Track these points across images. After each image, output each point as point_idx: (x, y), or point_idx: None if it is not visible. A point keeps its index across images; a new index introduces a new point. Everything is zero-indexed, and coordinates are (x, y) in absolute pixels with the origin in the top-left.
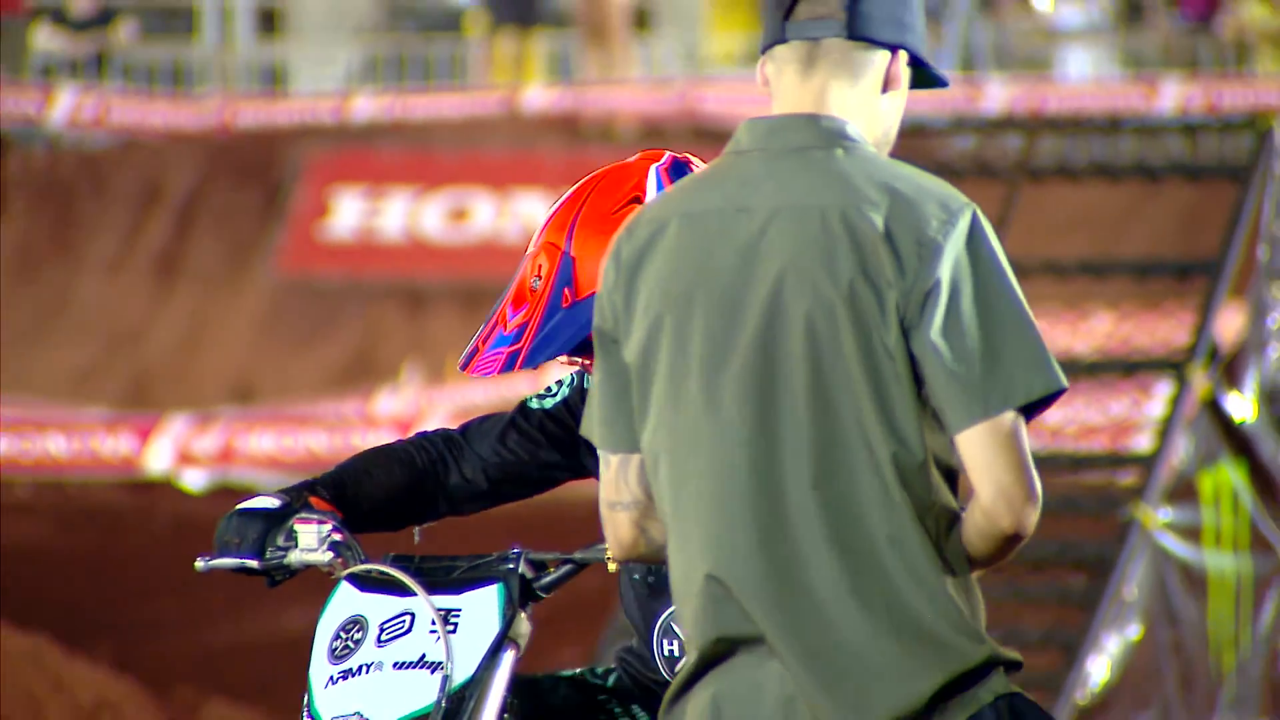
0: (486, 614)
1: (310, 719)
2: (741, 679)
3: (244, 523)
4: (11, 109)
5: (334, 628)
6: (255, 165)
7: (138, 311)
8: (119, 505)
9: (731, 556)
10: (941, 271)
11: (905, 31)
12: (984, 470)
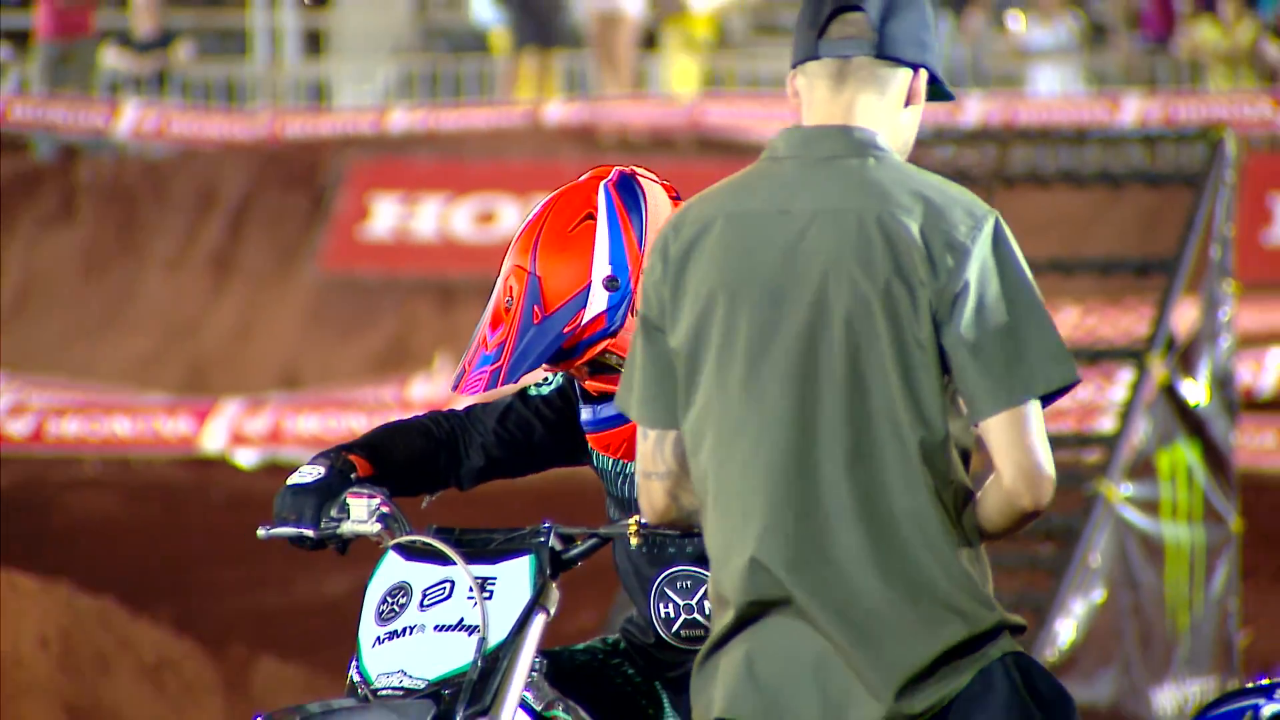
0: (519, 582)
1: (359, 676)
2: (773, 638)
3: (299, 497)
4: (81, 122)
5: (381, 593)
6: (301, 173)
7: (195, 305)
8: (178, 481)
9: (768, 528)
10: (970, 273)
11: (926, 52)
12: (1007, 453)
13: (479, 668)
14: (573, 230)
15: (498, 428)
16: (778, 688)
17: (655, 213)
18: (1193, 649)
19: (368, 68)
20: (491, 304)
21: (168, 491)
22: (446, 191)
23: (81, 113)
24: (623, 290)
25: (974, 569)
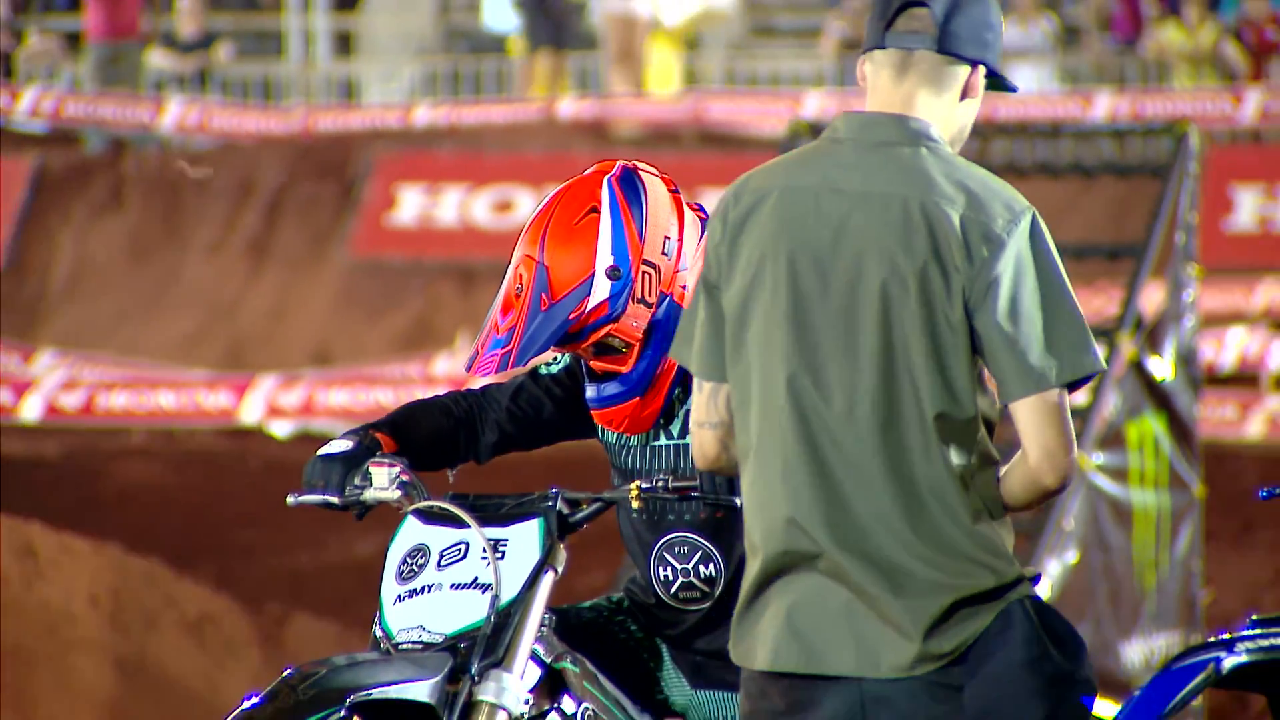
0: (529, 544)
1: (381, 631)
2: (806, 591)
3: (326, 466)
4: (129, 117)
5: (401, 554)
6: (332, 165)
7: (234, 288)
8: (218, 450)
9: (801, 487)
10: (1005, 264)
11: (985, 50)
12: (1034, 435)
13: (492, 623)
14: (578, 223)
15: (511, 405)
16: (814, 637)
17: (655, 205)
18: (1159, 606)
19: (394, 67)
20: (503, 291)
21: (209, 460)
22: (467, 182)
23: (129, 109)
24: (624, 279)
25: (994, 531)
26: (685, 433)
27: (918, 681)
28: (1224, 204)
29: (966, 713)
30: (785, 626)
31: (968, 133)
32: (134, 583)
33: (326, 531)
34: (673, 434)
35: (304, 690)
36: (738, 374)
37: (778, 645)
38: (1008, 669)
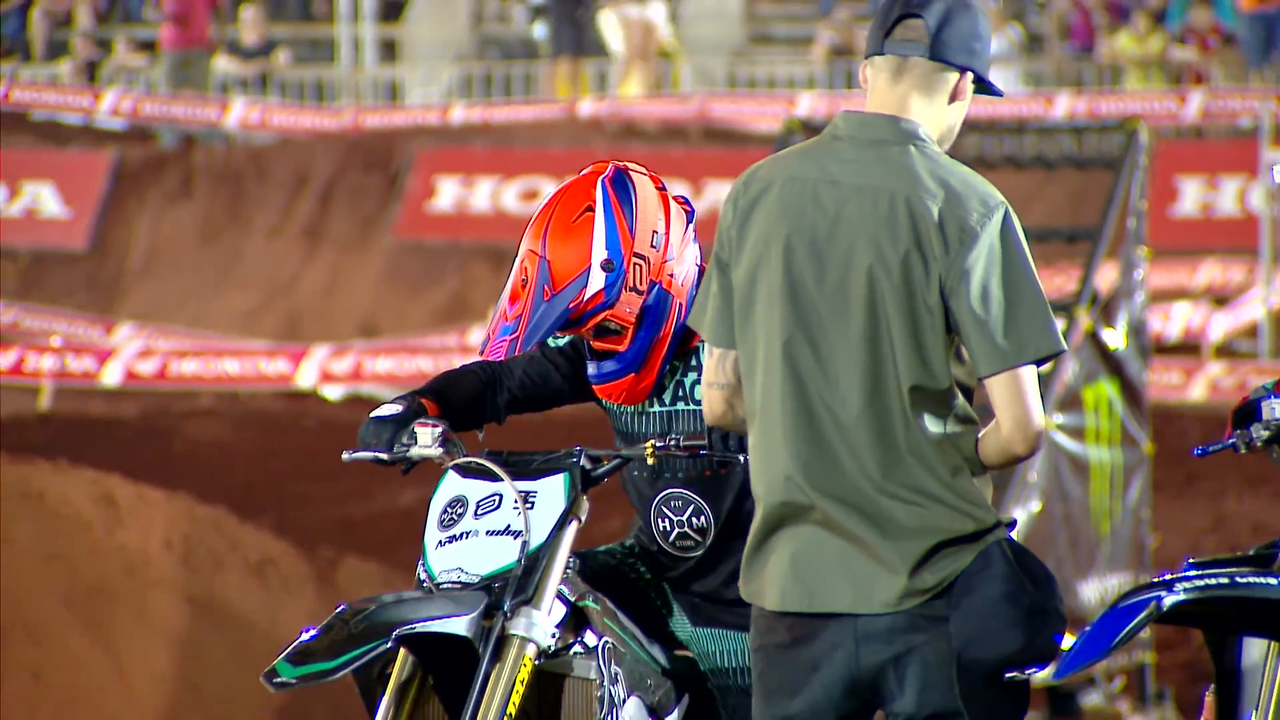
0: (556, 495)
1: (425, 574)
2: (806, 540)
3: (378, 427)
4: (198, 116)
5: (442, 505)
6: (378, 158)
7: (290, 267)
8: (277, 411)
9: (799, 449)
10: (978, 254)
11: (973, 57)
12: (1005, 407)
13: (523, 565)
14: (575, 221)
15: (523, 375)
16: (814, 581)
17: (644, 203)
18: (1112, 550)
19: (433, 71)
20: (510, 282)
21: (268, 420)
22: (498, 174)
23: (198, 108)
24: (617, 271)
25: (971, 484)
26: (675, 400)
27: (905, 615)
28: (1170, 193)
29: (951, 642)
30: (790, 572)
31: (956, 131)
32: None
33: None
34: (664, 401)
35: (355, 625)
36: (746, 344)
37: (783, 588)
38: (987, 602)
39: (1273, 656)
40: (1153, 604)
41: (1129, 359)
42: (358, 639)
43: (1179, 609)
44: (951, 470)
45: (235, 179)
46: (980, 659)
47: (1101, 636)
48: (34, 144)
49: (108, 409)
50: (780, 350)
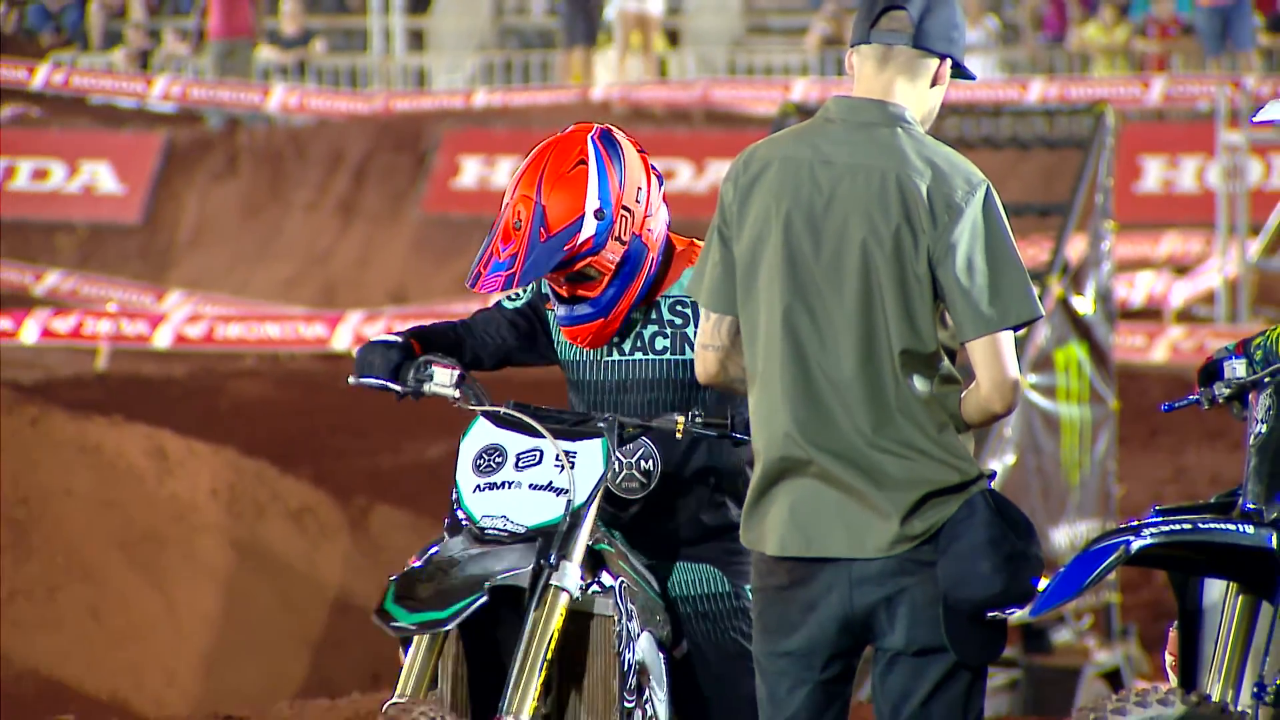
0: (595, 458)
1: (463, 513)
2: (804, 492)
3: (381, 351)
4: (242, 100)
5: (476, 449)
6: (407, 139)
7: (327, 240)
8: (315, 371)
9: (797, 408)
10: (962, 228)
11: (952, 45)
12: (985, 369)
13: (567, 523)
14: (570, 172)
15: (483, 334)
16: (812, 528)
17: (630, 161)
18: (1081, 499)
19: (458, 59)
20: (501, 223)
21: (307, 380)
22: (517, 154)
23: (242, 93)
24: (606, 220)
25: (956, 439)
26: (634, 350)
27: (896, 560)
28: (1134, 171)
29: (937, 584)
30: (789, 520)
31: (936, 112)
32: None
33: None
34: (624, 350)
35: (454, 574)
36: (748, 312)
37: (783, 535)
38: (972, 548)
39: (1231, 596)
40: (1121, 548)
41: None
42: (460, 591)
43: (1145, 552)
44: (938, 426)
45: (276, 158)
46: (965, 600)
47: (1073, 578)
48: (91, 126)
49: (159, 369)
50: (780, 317)
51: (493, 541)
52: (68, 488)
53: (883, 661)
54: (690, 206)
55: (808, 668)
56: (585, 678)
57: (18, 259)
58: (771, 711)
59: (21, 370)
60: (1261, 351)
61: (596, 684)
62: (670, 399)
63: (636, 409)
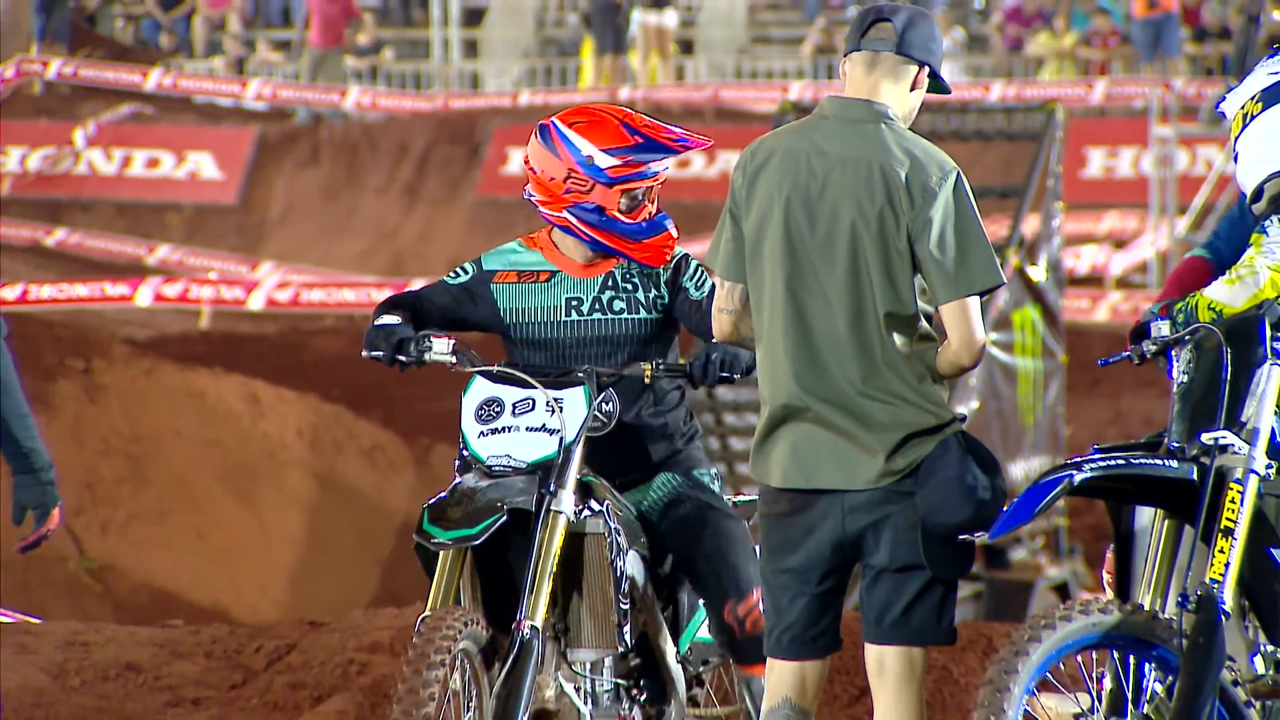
0: (579, 403)
1: (470, 454)
2: (803, 433)
3: (386, 333)
4: (323, 100)
5: (476, 403)
6: (463, 133)
7: (395, 219)
8: None
9: (796, 364)
10: (936, 209)
11: (930, 55)
12: (954, 329)
13: (561, 457)
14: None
15: (430, 303)
16: (810, 464)
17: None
18: (1035, 439)
19: (506, 65)
20: (660, 126)
21: None
22: None
23: (323, 94)
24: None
25: (933, 388)
26: (592, 311)
27: (881, 491)
28: (1080, 160)
29: (916, 511)
30: (790, 457)
31: (916, 112)
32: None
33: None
34: (583, 312)
35: (478, 499)
36: (755, 280)
37: (785, 470)
38: (946, 480)
39: (1158, 521)
40: (1066, 480)
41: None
42: (484, 513)
43: (1087, 484)
44: (917, 377)
45: (352, 149)
46: (939, 524)
47: (1026, 506)
48: (195, 122)
49: (253, 328)
50: (782, 285)
51: (500, 476)
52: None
53: (869, 576)
54: (702, 190)
55: (806, 582)
56: (584, 588)
57: (134, 235)
58: (775, 619)
59: (136, 329)
60: (1183, 314)
61: (595, 592)
62: (625, 352)
63: (596, 360)
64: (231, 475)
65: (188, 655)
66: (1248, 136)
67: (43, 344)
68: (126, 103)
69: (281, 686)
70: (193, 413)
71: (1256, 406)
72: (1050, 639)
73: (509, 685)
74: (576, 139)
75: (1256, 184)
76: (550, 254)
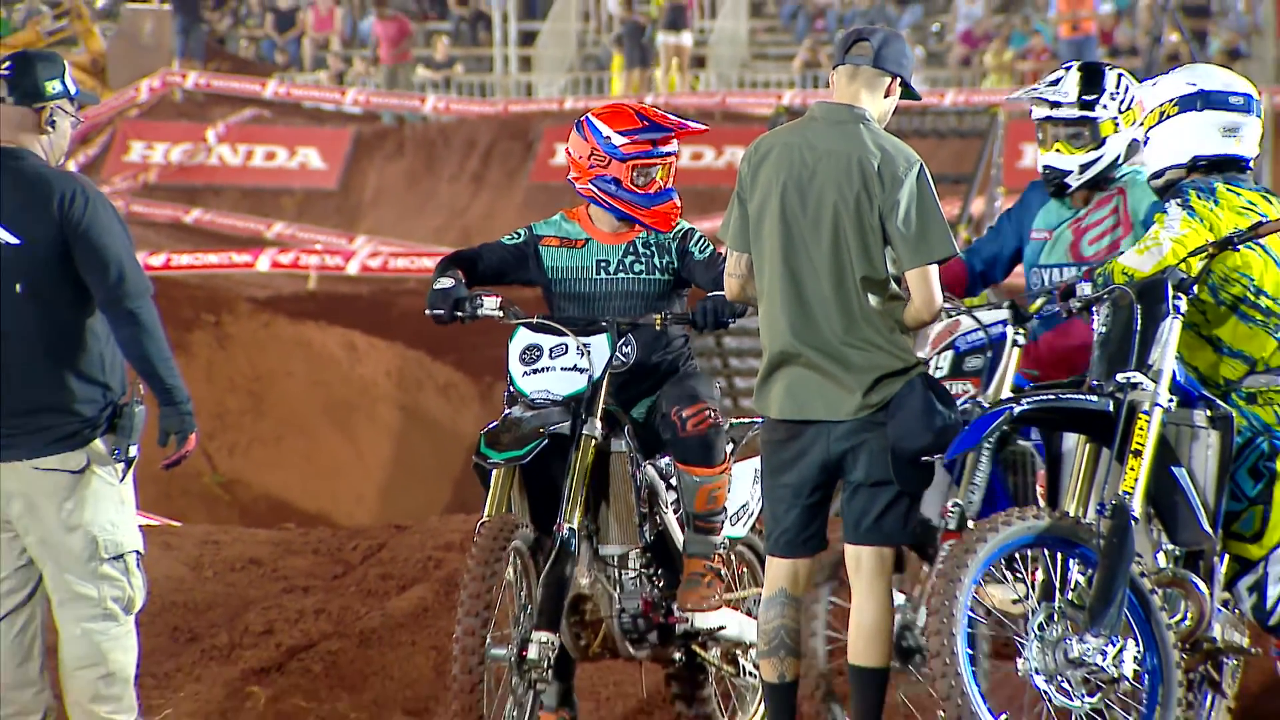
0: (603, 347)
1: (516, 390)
2: (796, 375)
3: (444, 294)
4: (405, 105)
5: (520, 348)
6: (519, 132)
7: (464, 201)
8: None
9: (791, 318)
10: (903, 193)
11: (901, 68)
12: (917, 291)
13: (589, 391)
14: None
15: (485, 261)
16: (802, 399)
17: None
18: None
19: (554, 77)
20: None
21: None
22: None
23: (406, 100)
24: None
25: (902, 339)
26: (616, 271)
27: (859, 421)
28: (1017, 153)
29: (888, 437)
30: (786, 393)
31: (889, 115)
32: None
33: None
34: (609, 271)
35: (525, 426)
36: (757, 251)
37: (782, 403)
38: (911, 413)
39: (1081, 445)
40: (1007, 412)
41: None
42: (529, 437)
43: (1023, 416)
44: (889, 329)
45: (429, 145)
46: (906, 448)
47: (975, 432)
48: (304, 123)
49: (350, 289)
50: (780, 254)
51: (541, 407)
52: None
53: (849, 490)
54: (712, 178)
55: (798, 495)
56: (611, 496)
57: (255, 214)
58: (774, 525)
59: (256, 289)
60: (1102, 278)
61: (619, 499)
62: (641, 305)
63: (618, 311)
64: (333, 408)
65: (298, 552)
66: (1161, 130)
67: (182, 302)
68: (249, 108)
69: (374, 577)
70: (302, 358)
71: (1161, 352)
72: (994, 539)
73: (553, 576)
74: (599, 124)
75: (1160, 167)
76: (586, 225)
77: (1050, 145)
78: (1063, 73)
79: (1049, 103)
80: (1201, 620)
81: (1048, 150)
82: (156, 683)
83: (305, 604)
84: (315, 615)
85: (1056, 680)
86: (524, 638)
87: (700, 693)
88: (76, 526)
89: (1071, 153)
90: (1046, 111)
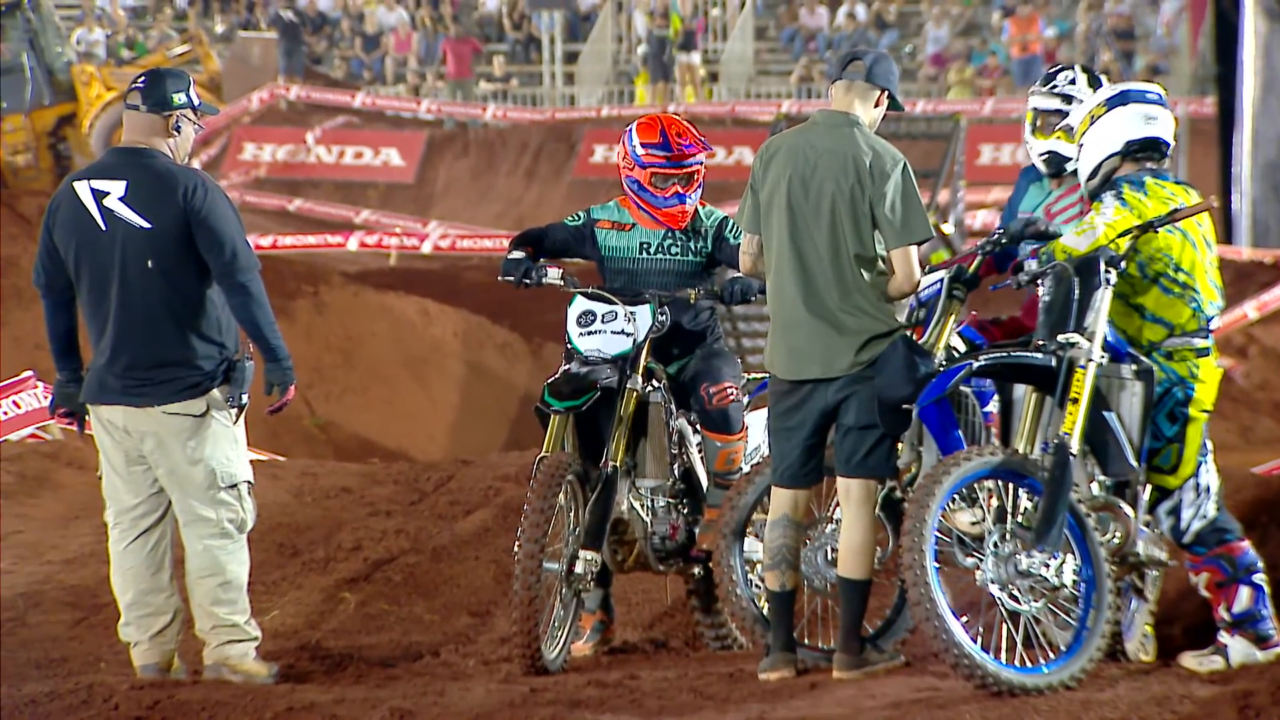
0: (646, 315)
1: (573, 349)
2: (798, 337)
3: (516, 264)
4: (468, 112)
5: (577, 313)
6: (564, 135)
7: (518, 193)
8: None
9: (793, 288)
10: (889, 186)
11: (889, 83)
12: (900, 268)
13: (634, 352)
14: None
15: (549, 239)
16: (804, 359)
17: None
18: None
19: (593, 89)
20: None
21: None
22: None
23: (470, 108)
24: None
25: (889, 307)
26: (656, 252)
27: (851, 376)
28: (976, 152)
29: (875, 388)
30: (789, 354)
31: (878, 122)
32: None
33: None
34: (650, 252)
35: (579, 378)
36: (767, 233)
37: (786, 363)
38: (895, 368)
39: (1029, 394)
40: (968, 366)
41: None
42: (585, 389)
43: (982, 369)
44: (877, 298)
45: (490, 146)
46: (889, 398)
47: (941, 383)
48: (387, 128)
49: (424, 265)
50: (786, 235)
51: (594, 364)
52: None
53: (841, 432)
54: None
55: (800, 435)
56: (648, 439)
57: (345, 203)
58: (779, 460)
59: (347, 265)
60: (1045, 256)
61: (654, 441)
62: (677, 281)
63: (658, 286)
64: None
65: (382, 482)
66: (1094, 130)
67: (285, 276)
68: (341, 115)
69: (444, 503)
70: (384, 321)
71: (1095, 317)
72: (956, 472)
73: (598, 504)
74: (633, 135)
75: (1094, 164)
76: (634, 212)
77: (1051, 134)
78: (1071, 73)
79: (1064, 97)
80: (1128, 539)
81: (1047, 138)
82: (265, 589)
83: (387, 525)
84: (395, 534)
85: (1008, 589)
86: (572, 555)
87: (714, 604)
88: (199, 460)
89: (1070, 140)
90: (1058, 104)
